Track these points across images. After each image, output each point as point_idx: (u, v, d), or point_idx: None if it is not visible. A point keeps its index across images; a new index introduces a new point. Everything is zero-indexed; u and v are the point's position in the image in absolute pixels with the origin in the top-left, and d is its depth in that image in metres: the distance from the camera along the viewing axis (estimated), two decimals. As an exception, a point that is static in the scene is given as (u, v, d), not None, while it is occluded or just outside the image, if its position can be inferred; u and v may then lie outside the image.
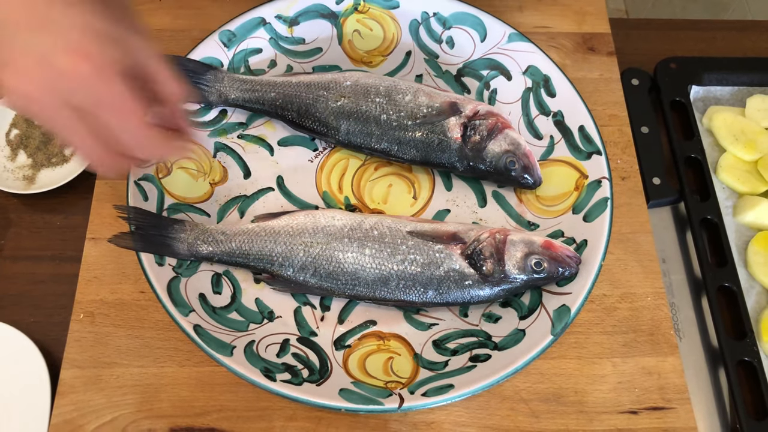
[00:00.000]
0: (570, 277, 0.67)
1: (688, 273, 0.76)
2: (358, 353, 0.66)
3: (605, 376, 0.67)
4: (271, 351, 0.64)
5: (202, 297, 0.66)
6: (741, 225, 0.77)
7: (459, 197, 0.75)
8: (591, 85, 0.81)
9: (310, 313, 0.68)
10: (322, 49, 0.81)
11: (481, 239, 0.67)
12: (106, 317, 0.67)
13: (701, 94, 0.85)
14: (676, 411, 0.65)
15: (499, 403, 0.65)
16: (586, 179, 0.72)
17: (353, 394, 0.61)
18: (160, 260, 0.66)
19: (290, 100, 0.74)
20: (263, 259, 0.67)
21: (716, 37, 0.92)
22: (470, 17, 0.79)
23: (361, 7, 0.81)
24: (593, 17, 0.86)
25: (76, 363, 0.65)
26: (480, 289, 0.66)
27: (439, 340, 0.66)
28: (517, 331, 0.65)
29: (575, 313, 0.64)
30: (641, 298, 0.70)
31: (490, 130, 0.72)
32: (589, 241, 0.68)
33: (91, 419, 0.63)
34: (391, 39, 0.82)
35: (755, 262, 0.73)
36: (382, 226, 0.68)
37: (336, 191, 0.74)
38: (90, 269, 0.69)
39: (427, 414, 0.64)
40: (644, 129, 0.81)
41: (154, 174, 0.71)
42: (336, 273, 0.66)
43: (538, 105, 0.77)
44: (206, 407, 0.64)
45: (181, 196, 0.72)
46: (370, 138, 0.73)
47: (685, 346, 0.72)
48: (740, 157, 0.80)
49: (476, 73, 0.80)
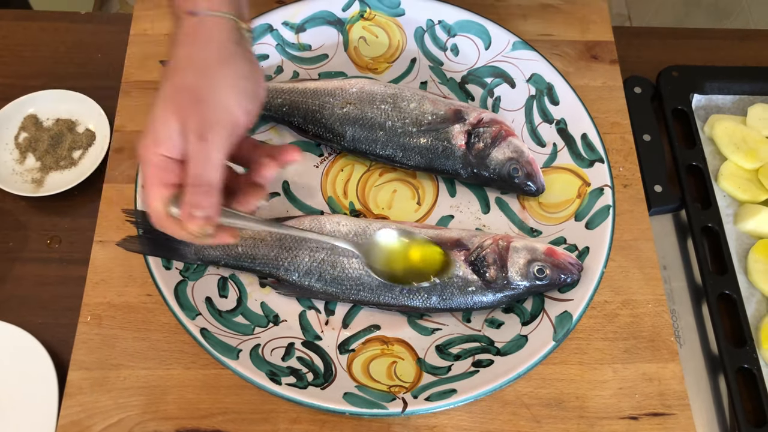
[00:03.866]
0: (572, 283, 0.67)
1: (688, 280, 0.76)
2: (362, 357, 0.66)
3: (606, 381, 0.67)
4: (277, 354, 0.65)
5: (209, 300, 0.67)
6: (741, 233, 0.78)
7: (462, 203, 0.75)
8: (594, 93, 0.82)
9: (315, 318, 0.69)
10: (328, 55, 0.82)
11: (484, 246, 0.67)
12: (113, 319, 0.68)
13: (703, 102, 0.86)
14: (677, 417, 0.66)
15: (501, 408, 0.66)
16: (588, 187, 0.73)
17: (357, 398, 0.62)
18: (168, 264, 0.67)
19: (296, 106, 0.75)
20: (269, 264, 0.67)
21: (718, 46, 0.93)
22: (475, 25, 0.80)
23: (367, 15, 0.82)
24: (596, 26, 0.87)
25: (83, 364, 0.66)
26: (483, 295, 0.67)
27: (442, 345, 0.67)
28: (520, 337, 0.66)
29: (577, 320, 0.65)
30: (642, 305, 0.71)
31: (493, 138, 0.73)
32: (591, 249, 0.69)
33: (98, 420, 0.63)
34: (397, 46, 0.83)
35: (755, 269, 0.74)
36: (387, 232, 0.68)
37: (341, 196, 0.75)
38: (97, 272, 0.70)
39: (430, 418, 0.65)
40: (646, 137, 0.82)
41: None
42: (341, 278, 0.67)
43: (542, 113, 0.78)
44: (212, 409, 0.65)
45: (188, 200, 0.72)
46: (375, 144, 0.74)
47: (685, 352, 0.72)
48: (741, 166, 0.80)
49: (480, 81, 0.81)
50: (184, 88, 0.52)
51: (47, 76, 0.84)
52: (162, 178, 0.52)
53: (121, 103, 0.79)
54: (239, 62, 0.55)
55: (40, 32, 0.88)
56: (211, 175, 0.52)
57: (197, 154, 0.51)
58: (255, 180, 0.59)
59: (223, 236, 0.56)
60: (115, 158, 0.76)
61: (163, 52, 0.81)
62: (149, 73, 0.80)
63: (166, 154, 0.52)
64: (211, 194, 0.52)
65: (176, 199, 0.53)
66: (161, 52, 0.81)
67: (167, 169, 0.52)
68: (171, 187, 0.53)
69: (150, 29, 0.84)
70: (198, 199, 0.52)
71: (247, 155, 0.59)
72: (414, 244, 0.66)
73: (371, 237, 0.67)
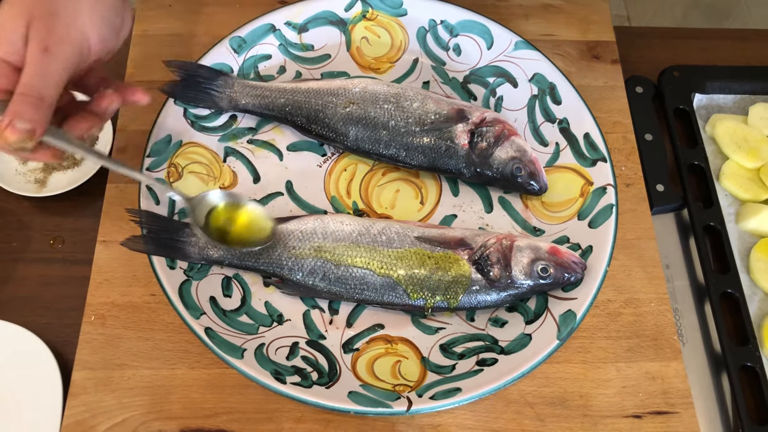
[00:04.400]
0: (576, 282, 0.68)
1: (691, 279, 0.77)
2: (366, 356, 0.66)
3: (610, 380, 0.68)
4: (281, 354, 0.65)
5: (213, 300, 0.67)
6: (743, 232, 0.78)
7: (465, 203, 0.76)
8: (596, 92, 0.82)
9: (319, 317, 0.69)
10: (331, 55, 0.82)
11: (487, 245, 0.68)
12: (117, 319, 0.68)
13: (704, 102, 0.86)
14: (680, 415, 0.66)
15: (505, 407, 0.66)
16: (591, 186, 0.73)
17: (362, 397, 0.62)
18: (172, 264, 0.67)
19: (299, 105, 0.75)
20: (273, 263, 0.67)
21: (719, 46, 0.93)
22: (477, 25, 0.80)
23: (369, 15, 0.82)
24: (598, 25, 0.87)
25: (87, 364, 0.66)
26: (487, 294, 0.67)
27: (446, 344, 0.67)
28: (524, 336, 0.66)
29: (581, 318, 0.65)
30: (645, 304, 0.71)
31: (496, 137, 0.73)
32: (594, 247, 0.69)
33: (102, 420, 0.63)
34: (399, 46, 0.83)
35: (757, 268, 0.74)
36: (390, 231, 0.69)
37: (344, 196, 0.75)
38: (101, 272, 0.70)
39: (434, 417, 0.65)
40: (648, 136, 0.82)
41: (165, 178, 0.72)
42: (344, 277, 0.67)
43: (544, 112, 0.78)
44: (216, 409, 0.65)
45: (191, 200, 0.73)
46: (379, 144, 0.74)
47: (688, 351, 0.73)
48: (743, 165, 0.81)
49: (483, 81, 0.81)
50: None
51: (49, 77, 0.84)
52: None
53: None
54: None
55: (42, 33, 0.88)
56: (45, 89, 0.50)
57: (35, 64, 0.50)
58: (93, 108, 0.58)
59: (43, 154, 0.54)
60: (118, 158, 0.76)
61: (165, 52, 0.81)
62: (151, 73, 0.80)
63: (2, 56, 0.51)
64: (40, 108, 0.50)
65: (3, 105, 0.51)
66: (163, 52, 0.81)
67: (0, 72, 0.51)
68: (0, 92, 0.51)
69: (152, 30, 0.84)
70: (23, 109, 0.50)
71: (94, 86, 0.58)
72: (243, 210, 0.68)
73: (202, 195, 0.67)
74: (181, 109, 0.76)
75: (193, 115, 0.76)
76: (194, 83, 0.74)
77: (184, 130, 0.75)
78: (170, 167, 0.73)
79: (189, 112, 0.76)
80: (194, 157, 0.75)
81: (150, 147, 0.73)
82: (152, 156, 0.72)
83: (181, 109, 0.76)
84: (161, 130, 0.74)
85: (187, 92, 0.75)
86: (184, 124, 0.75)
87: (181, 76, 0.75)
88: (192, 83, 0.75)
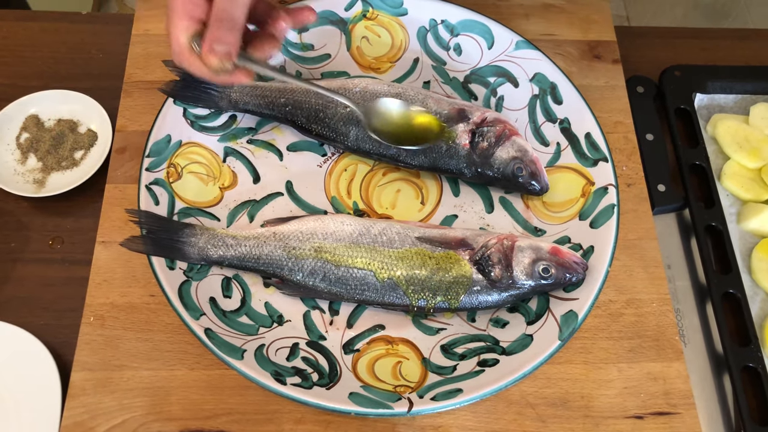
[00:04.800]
0: (577, 283, 0.67)
1: (692, 279, 0.76)
2: (366, 357, 0.66)
3: (611, 381, 0.67)
4: (281, 355, 0.65)
5: (213, 301, 0.67)
6: (745, 232, 0.78)
7: (466, 203, 0.75)
8: (597, 92, 0.82)
9: (320, 318, 0.68)
10: (331, 55, 0.82)
11: (489, 245, 0.67)
12: (116, 320, 0.67)
13: (705, 101, 0.86)
14: (682, 416, 0.66)
15: (506, 408, 0.66)
16: (592, 186, 0.73)
17: (363, 398, 0.62)
18: (171, 264, 0.67)
19: (299, 105, 0.75)
20: (273, 264, 0.67)
21: (720, 46, 0.93)
22: (478, 24, 0.80)
23: (369, 14, 0.82)
24: (599, 25, 0.87)
25: (86, 365, 0.65)
26: (488, 295, 0.66)
27: (447, 345, 0.67)
28: (525, 336, 0.66)
29: (582, 319, 0.65)
30: (647, 304, 0.71)
31: (497, 137, 0.73)
32: (595, 248, 0.69)
33: (101, 421, 0.63)
34: (399, 46, 0.83)
35: (759, 268, 0.74)
36: (391, 232, 0.68)
37: (345, 196, 0.75)
38: (100, 272, 0.69)
39: (435, 418, 0.65)
40: (649, 136, 0.82)
41: (165, 178, 0.72)
42: (345, 278, 0.67)
43: (545, 112, 0.78)
44: (216, 410, 0.64)
45: (191, 200, 0.72)
46: (379, 144, 0.74)
47: (689, 351, 0.72)
48: (744, 165, 0.81)
49: (483, 80, 0.81)
50: None
51: (48, 77, 0.84)
52: (189, 11, 0.55)
53: (123, 104, 0.78)
54: None
55: (41, 33, 0.88)
56: (237, 11, 0.55)
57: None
58: (269, 31, 0.62)
59: (239, 75, 0.59)
60: (117, 158, 0.75)
61: (164, 52, 0.81)
62: (151, 73, 0.80)
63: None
64: (234, 30, 0.55)
65: (199, 37, 0.56)
66: (163, 52, 0.81)
67: (195, 3, 0.55)
68: (196, 22, 0.56)
69: (152, 29, 0.83)
70: (221, 33, 0.55)
71: (262, 14, 0.62)
72: (413, 112, 0.71)
73: (372, 101, 0.71)
74: (180, 109, 0.75)
75: (193, 115, 0.76)
76: (194, 83, 0.74)
77: (184, 130, 0.75)
78: (170, 167, 0.72)
79: (189, 112, 0.76)
80: (194, 157, 0.74)
81: (149, 147, 0.72)
82: (152, 156, 0.72)
83: (181, 109, 0.75)
84: (161, 130, 0.73)
85: (186, 92, 0.74)
86: (183, 124, 0.75)
87: (180, 76, 0.75)
88: (192, 83, 0.74)
